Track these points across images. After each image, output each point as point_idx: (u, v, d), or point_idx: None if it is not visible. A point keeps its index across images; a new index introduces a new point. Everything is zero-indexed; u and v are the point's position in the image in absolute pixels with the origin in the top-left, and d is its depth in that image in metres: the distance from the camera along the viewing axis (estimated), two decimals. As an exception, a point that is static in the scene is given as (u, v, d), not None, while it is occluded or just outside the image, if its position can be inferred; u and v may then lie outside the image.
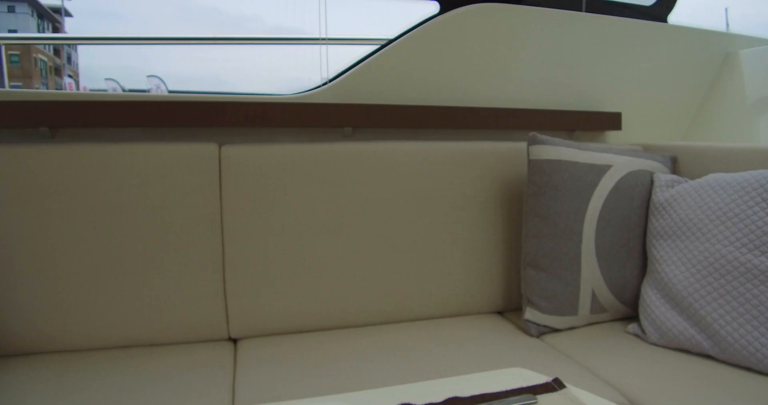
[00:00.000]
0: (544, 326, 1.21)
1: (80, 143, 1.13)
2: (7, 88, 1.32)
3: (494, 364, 1.06)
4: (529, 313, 1.22)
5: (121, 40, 1.84)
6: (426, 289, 1.28)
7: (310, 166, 1.21)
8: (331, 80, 1.36)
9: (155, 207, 1.13)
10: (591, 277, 1.20)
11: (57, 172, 1.09)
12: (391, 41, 1.36)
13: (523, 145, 1.27)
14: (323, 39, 1.46)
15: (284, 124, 1.29)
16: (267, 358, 1.09)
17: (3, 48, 1.70)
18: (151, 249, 1.14)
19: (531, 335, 1.22)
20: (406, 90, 1.40)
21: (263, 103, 1.26)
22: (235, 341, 1.21)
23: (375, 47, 1.37)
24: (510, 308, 1.37)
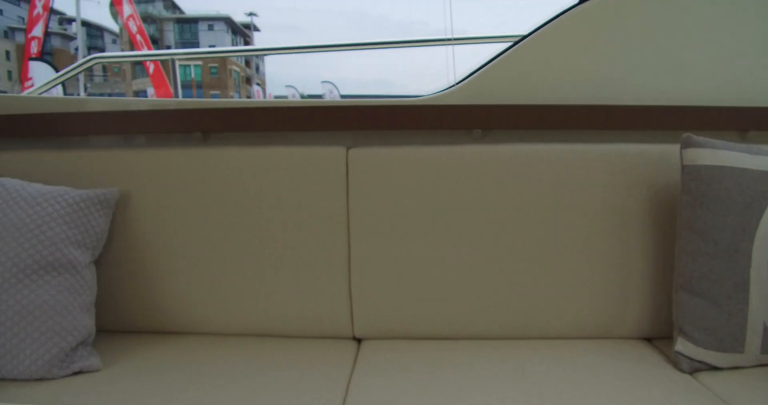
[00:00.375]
0: (699, 362, 1.03)
1: (228, 146, 1.24)
2: (165, 98, 1.48)
3: (631, 401, 0.92)
4: (681, 345, 1.04)
5: (300, 49, 1.98)
6: (558, 306, 1.17)
7: (437, 170, 1.17)
8: (461, 81, 1.30)
9: (288, 206, 1.19)
10: (764, 309, 0.98)
11: (208, 173, 1.20)
12: (524, 37, 1.26)
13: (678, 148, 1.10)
14: (450, 39, 1.40)
15: (411, 127, 1.27)
16: (386, 363, 1.08)
17: (176, 62, 1.92)
18: (284, 246, 1.19)
19: (682, 371, 1.04)
20: (540, 88, 1.29)
21: (390, 106, 1.25)
22: (359, 341, 1.22)
23: (507, 44, 1.28)
24: (659, 335, 1.19)
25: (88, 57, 1.82)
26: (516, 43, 1.27)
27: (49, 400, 0.93)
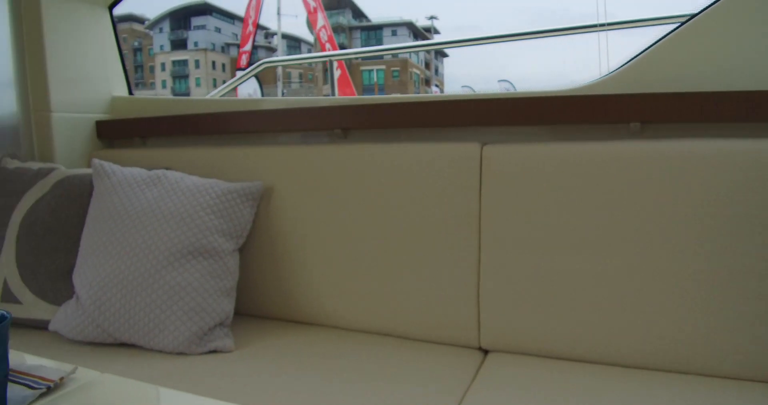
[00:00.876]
0: None
1: (364, 143, 1.25)
2: (306, 97, 1.54)
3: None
4: None
5: (472, 42, 1.93)
6: (724, 339, 0.95)
7: (585, 170, 1.03)
8: (616, 69, 1.14)
9: (419, 205, 1.15)
10: None
11: (346, 169, 1.22)
12: (694, 16, 1.05)
13: None
14: (602, 25, 1.23)
15: (554, 121, 1.14)
16: (507, 379, 0.99)
17: (335, 63, 1.99)
18: (413, 245, 1.16)
19: None
20: (714, 73, 1.06)
21: (529, 99, 1.14)
22: (486, 352, 1.14)
23: (672, 26, 1.08)
24: None
25: (259, 62, 1.98)
26: (683, 23, 1.07)
27: (185, 373, 1.01)
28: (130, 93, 1.76)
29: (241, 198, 1.24)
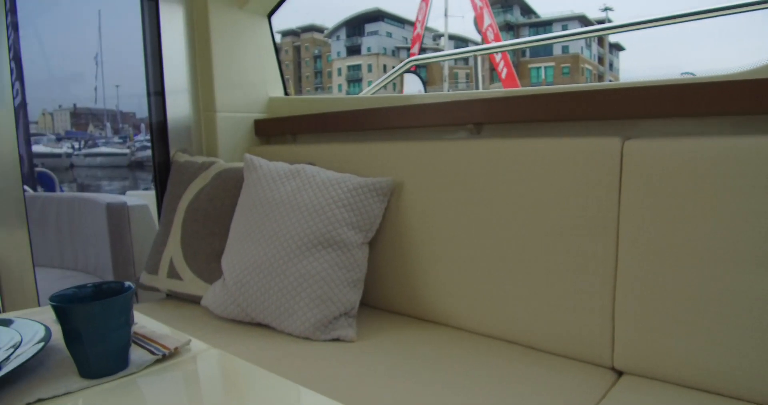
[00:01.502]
0: None
1: (496, 138, 1.20)
2: (439, 92, 1.51)
3: None
4: None
5: (646, 24, 1.77)
6: None
7: (744, 168, 0.86)
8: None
9: (553, 205, 1.07)
10: None
11: (476, 165, 1.17)
12: None
13: None
14: None
15: (709, 112, 0.98)
16: None
17: (479, 59, 1.94)
18: (544, 248, 1.08)
19: None
20: None
21: (680, 86, 0.99)
22: (620, 374, 1.02)
23: None
24: None
25: (407, 60, 2.00)
26: None
27: (305, 357, 1.06)
28: (286, 93, 1.90)
29: (371, 193, 1.26)
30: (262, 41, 1.80)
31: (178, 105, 1.70)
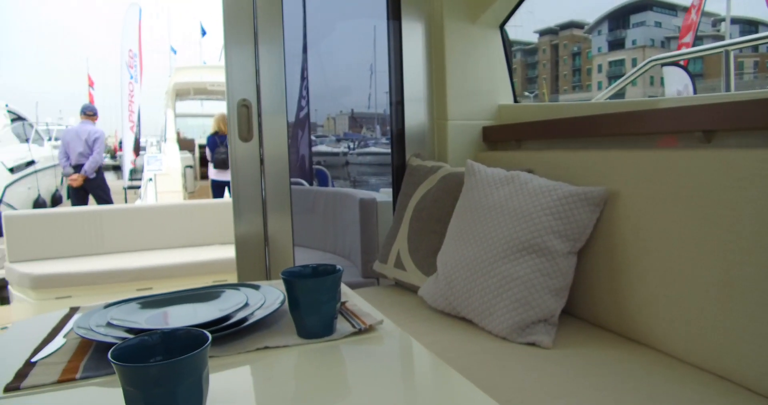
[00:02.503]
0: None
1: (729, 148, 1.08)
2: (667, 97, 1.37)
3: None
4: None
5: None
6: None
7: None
8: None
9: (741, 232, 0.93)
10: None
11: (706, 177, 1.07)
12: None
13: None
14: None
15: None
16: None
17: (730, 54, 1.69)
18: (710, 275, 0.96)
19: None
20: None
21: None
22: None
23: None
24: None
25: (646, 61, 1.87)
26: None
27: (497, 355, 1.11)
28: (515, 101, 1.95)
29: (582, 202, 1.25)
30: (494, 51, 1.89)
31: (415, 113, 1.89)
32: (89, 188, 5.82)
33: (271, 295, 0.92)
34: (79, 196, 5.83)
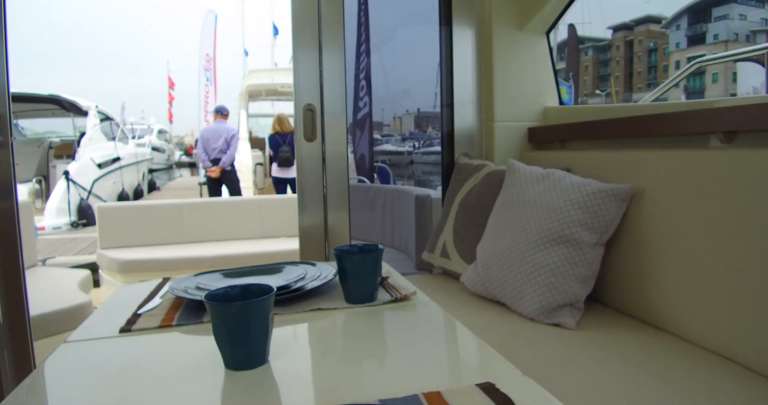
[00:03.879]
0: None
1: (747, 148, 1.17)
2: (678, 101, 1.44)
3: None
4: None
5: None
6: None
7: None
8: None
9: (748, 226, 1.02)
10: None
11: (726, 176, 1.15)
12: None
13: None
14: None
15: None
16: None
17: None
18: (726, 265, 1.06)
19: None
20: None
21: None
22: None
23: None
24: None
25: (692, 62, 1.92)
26: None
27: (523, 334, 1.25)
28: (561, 103, 2.05)
29: (609, 198, 1.36)
30: (540, 56, 2.00)
31: (464, 115, 2.04)
32: (224, 179, 6.33)
33: (325, 270, 1.10)
34: (214, 186, 6.37)
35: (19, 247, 1.70)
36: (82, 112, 9.63)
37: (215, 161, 6.24)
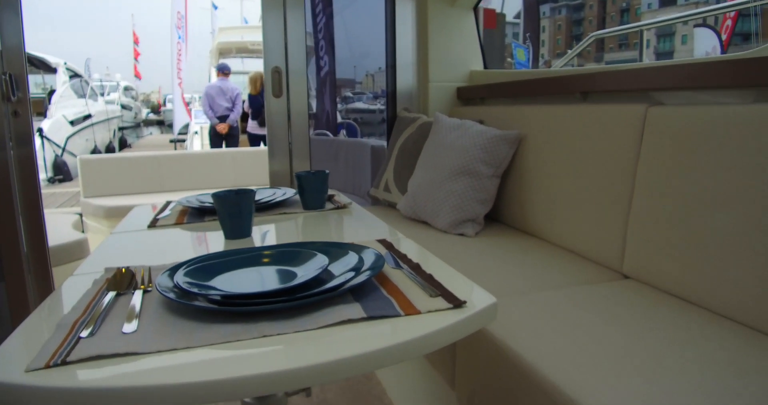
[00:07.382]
0: None
1: (600, 104, 1.63)
2: (562, 69, 1.89)
3: None
4: None
5: None
6: None
7: (737, 131, 1.08)
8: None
9: (592, 158, 1.50)
10: None
11: (582, 124, 1.60)
12: None
13: None
14: None
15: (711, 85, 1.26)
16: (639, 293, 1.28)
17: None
18: (574, 189, 1.56)
19: None
20: None
21: (695, 64, 1.29)
22: (625, 278, 1.41)
23: None
24: None
25: (588, 37, 2.37)
26: None
27: (439, 240, 1.73)
28: (485, 67, 2.49)
29: (502, 141, 1.82)
30: (468, 28, 2.42)
31: (405, 76, 2.46)
32: (226, 136, 6.67)
33: (289, 192, 1.55)
34: (218, 142, 6.73)
35: (38, 188, 2.07)
36: (51, 69, 9.65)
37: (222, 118, 6.54)
